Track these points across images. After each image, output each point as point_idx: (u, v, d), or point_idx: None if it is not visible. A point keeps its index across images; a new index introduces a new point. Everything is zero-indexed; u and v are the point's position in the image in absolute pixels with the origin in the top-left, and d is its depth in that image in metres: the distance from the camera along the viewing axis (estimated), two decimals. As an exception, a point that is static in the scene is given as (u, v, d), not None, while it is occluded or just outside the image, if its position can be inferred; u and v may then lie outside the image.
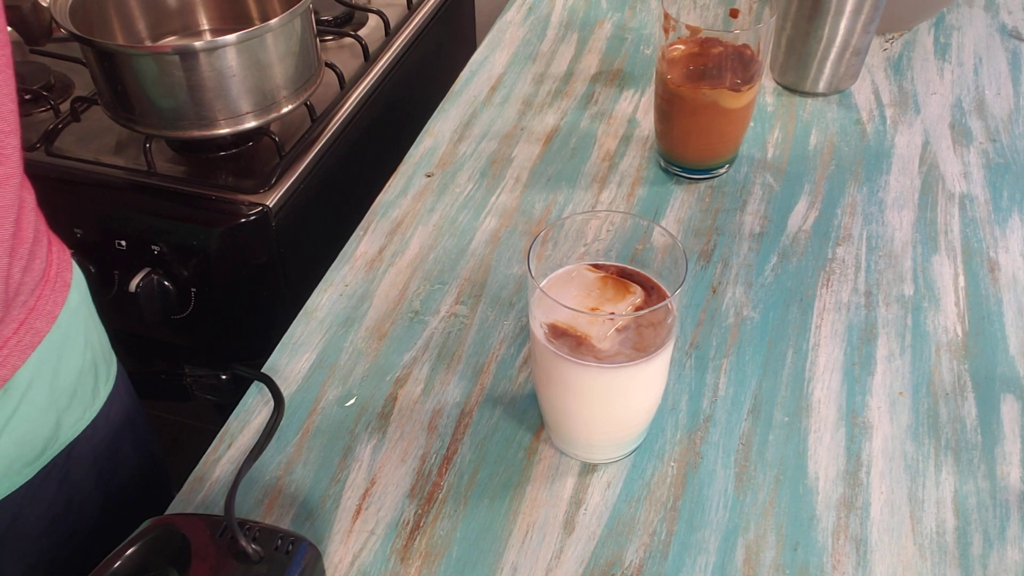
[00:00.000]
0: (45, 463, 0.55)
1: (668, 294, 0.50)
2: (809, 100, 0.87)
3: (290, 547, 0.46)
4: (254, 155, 0.83)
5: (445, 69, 1.03)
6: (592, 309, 0.50)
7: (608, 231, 0.53)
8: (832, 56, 0.84)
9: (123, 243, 0.78)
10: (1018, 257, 0.69)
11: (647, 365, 0.49)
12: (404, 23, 1.03)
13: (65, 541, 0.59)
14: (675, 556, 0.51)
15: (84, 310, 0.58)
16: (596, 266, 0.53)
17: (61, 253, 0.56)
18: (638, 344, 0.48)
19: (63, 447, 0.56)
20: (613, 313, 0.50)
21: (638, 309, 0.50)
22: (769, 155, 0.80)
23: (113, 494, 0.62)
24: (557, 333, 0.49)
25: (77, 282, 0.57)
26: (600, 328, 0.49)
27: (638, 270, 0.52)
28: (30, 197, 0.52)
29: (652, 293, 0.51)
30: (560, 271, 0.53)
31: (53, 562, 0.59)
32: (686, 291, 0.66)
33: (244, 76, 0.74)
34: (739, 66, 0.70)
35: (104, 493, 0.62)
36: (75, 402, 0.57)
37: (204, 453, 0.58)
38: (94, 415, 0.59)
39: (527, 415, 0.59)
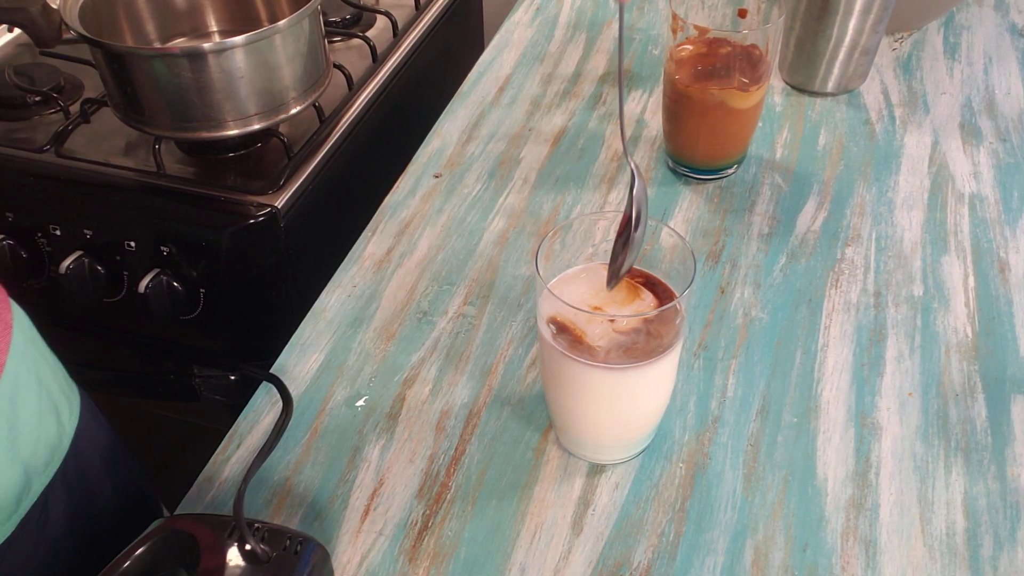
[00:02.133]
0: (23, 516, 0.52)
1: (676, 295, 0.50)
2: (818, 100, 0.87)
3: (298, 547, 0.46)
4: (263, 156, 0.83)
5: (453, 70, 1.03)
6: (595, 308, 0.50)
7: (616, 232, 0.53)
8: (841, 56, 0.83)
9: (132, 244, 0.78)
10: (1029, 257, 0.69)
11: (655, 366, 0.49)
12: (412, 24, 1.03)
13: None
14: (683, 557, 0.51)
15: (32, 350, 0.53)
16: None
17: None
18: (646, 345, 0.48)
19: (38, 496, 0.53)
20: (614, 317, 0.50)
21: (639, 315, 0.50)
22: (778, 155, 0.80)
23: (96, 528, 0.60)
24: (560, 328, 0.49)
25: (19, 321, 0.52)
26: (599, 327, 0.48)
27: (660, 279, 0.52)
28: None
29: (664, 303, 0.51)
30: (575, 268, 0.53)
31: None
32: (694, 292, 0.66)
33: (253, 77, 0.74)
34: (747, 66, 0.70)
35: (86, 529, 0.59)
36: (40, 448, 0.53)
37: (213, 453, 0.58)
38: (63, 456, 0.55)
39: (535, 416, 0.59)
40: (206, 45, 0.72)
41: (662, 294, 0.51)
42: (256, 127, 0.77)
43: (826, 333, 0.64)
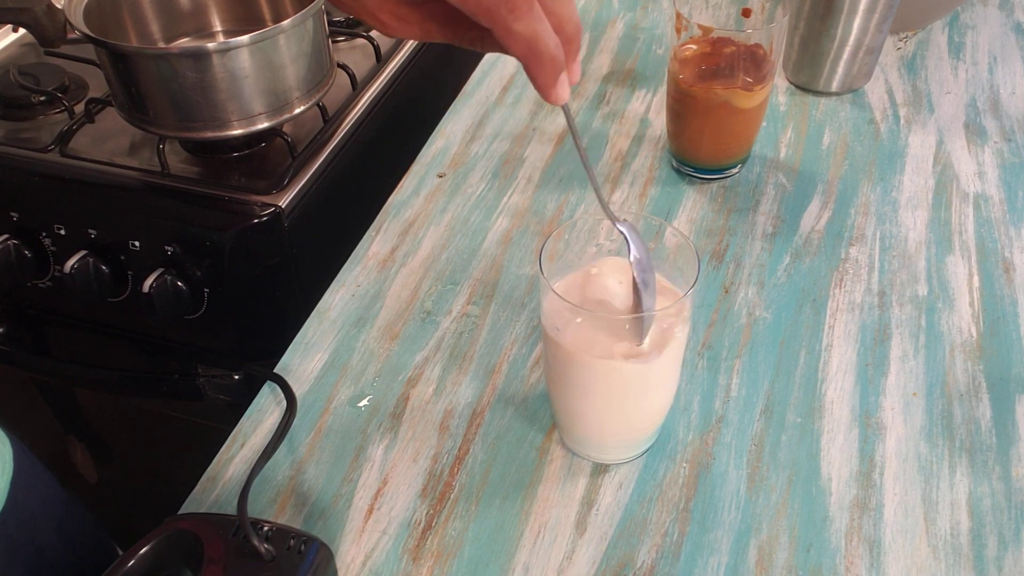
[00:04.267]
0: None
1: (680, 294, 0.50)
2: (822, 99, 0.87)
3: (302, 547, 0.46)
4: (267, 156, 0.83)
5: (457, 69, 1.03)
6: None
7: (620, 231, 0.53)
8: (845, 55, 0.83)
9: (136, 244, 0.78)
10: (1033, 257, 0.69)
11: (659, 365, 0.49)
12: (416, 24, 1.03)
13: None
14: (687, 557, 0.51)
15: None
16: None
17: None
18: (650, 344, 0.48)
19: None
20: (617, 317, 0.50)
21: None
22: (782, 155, 0.80)
23: None
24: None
25: None
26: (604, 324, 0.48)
27: (664, 279, 0.52)
28: None
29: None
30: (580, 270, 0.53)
31: None
32: (698, 291, 0.66)
33: (257, 77, 0.74)
34: (751, 66, 0.70)
35: None
36: None
37: (217, 453, 0.58)
38: None
39: (539, 415, 0.59)
40: (210, 45, 0.72)
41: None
42: (260, 127, 0.78)
43: (830, 333, 0.64)
